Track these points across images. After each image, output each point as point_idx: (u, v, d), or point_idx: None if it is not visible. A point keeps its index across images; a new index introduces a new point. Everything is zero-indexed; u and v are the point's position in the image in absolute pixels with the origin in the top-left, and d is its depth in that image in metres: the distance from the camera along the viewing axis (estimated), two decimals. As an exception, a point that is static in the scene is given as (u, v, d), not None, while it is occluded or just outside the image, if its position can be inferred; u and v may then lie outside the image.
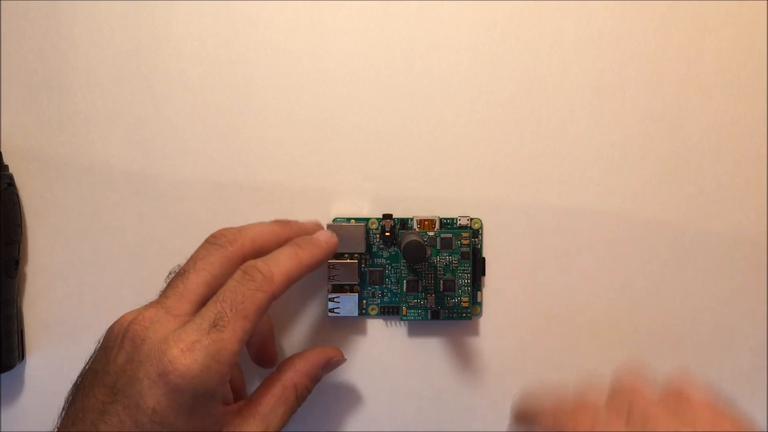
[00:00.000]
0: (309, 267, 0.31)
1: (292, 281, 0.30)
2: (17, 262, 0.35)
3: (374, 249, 0.35)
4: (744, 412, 0.27)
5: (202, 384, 0.26)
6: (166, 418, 0.26)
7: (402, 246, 0.32)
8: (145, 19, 0.35)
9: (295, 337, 0.36)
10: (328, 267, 0.35)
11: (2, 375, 0.36)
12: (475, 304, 0.36)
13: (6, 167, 0.35)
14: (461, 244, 0.35)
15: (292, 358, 0.32)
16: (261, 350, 0.34)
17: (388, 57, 0.35)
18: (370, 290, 0.36)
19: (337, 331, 0.36)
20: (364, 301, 0.36)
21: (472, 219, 0.36)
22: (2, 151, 0.35)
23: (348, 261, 0.35)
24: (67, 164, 0.35)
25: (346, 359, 0.34)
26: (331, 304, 0.35)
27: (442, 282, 0.35)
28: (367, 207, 0.36)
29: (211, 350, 0.27)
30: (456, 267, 0.35)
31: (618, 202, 0.36)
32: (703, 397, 0.27)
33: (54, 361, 0.36)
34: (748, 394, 0.36)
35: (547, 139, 0.35)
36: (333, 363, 0.33)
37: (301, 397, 0.31)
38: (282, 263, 0.30)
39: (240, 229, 0.31)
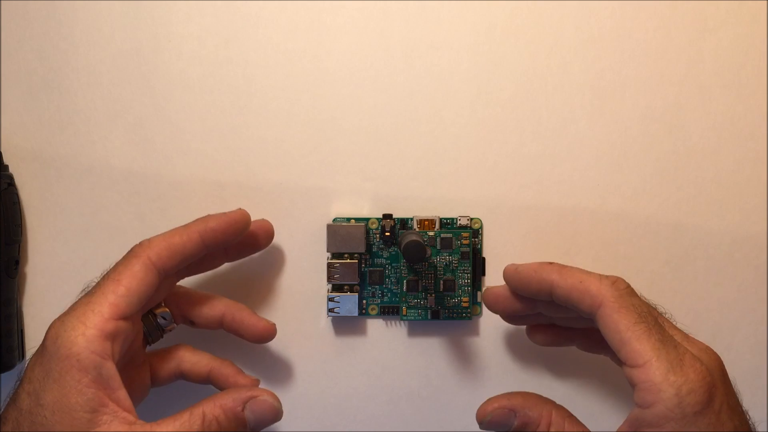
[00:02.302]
0: (199, 232, 0.30)
1: (175, 248, 0.30)
2: (17, 262, 0.35)
3: (374, 249, 0.35)
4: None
5: (66, 345, 0.26)
6: (33, 388, 0.26)
7: (402, 246, 0.32)
8: (145, 19, 0.35)
9: (295, 338, 0.36)
10: (328, 267, 0.35)
11: (2, 375, 0.36)
12: (475, 304, 0.36)
13: (6, 167, 0.35)
14: (461, 244, 0.35)
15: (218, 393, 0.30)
16: (237, 326, 0.33)
17: (388, 57, 0.35)
18: (370, 290, 0.36)
19: (337, 331, 0.36)
20: (364, 301, 0.36)
21: (472, 219, 0.36)
22: (2, 151, 0.35)
23: (348, 261, 0.35)
24: (67, 164, 0.35)
25: (278, 406, 0.29)
26: (331, 304, 0.35)
27: (442, 282, 0.35)
28: (367, 207, 0.36)
29: (77, 312, 0.27)
30: (456, 267, 0.35)
31: (618, 202, 0.36)
32: None
33: (54, 361, 0.36)
34: (748, 394, 0.36)
35: (547, 139, 0.35)
36: (259, 403, 0.29)
37: (208, 427, 0.28)
38: (164, 233, 0.30)
39: None
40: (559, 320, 0.33)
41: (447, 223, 0.35)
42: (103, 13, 0.35)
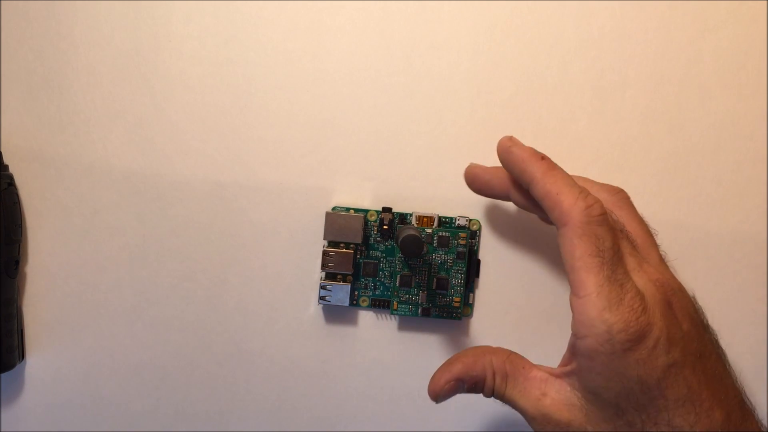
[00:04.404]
0: None
1: None
2: (17, 262, 0.35)
3: (371, 241, 0.35)
4: None
5: None
6: None
7: (399, 239, 0.32)
8: (145, 19, 0.35)
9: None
10: (324, 254, 0.35)
11: (2, 375, 0.36)
12: (467, 305, 0.36)
13: (6, 167, 0.35)
14: (458, 243, 0.35)
15: None
16: None
17: (388, 57, 0.35)
18: (363, 281, 0.36)
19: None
20: (356, 292, 0.36)
21: (471, 220, 0.36)
22: (2, 151, 0.35)
23: (344, 250, 0.35)
24: (67, 164, 0.35)
25: None
26: (322, 292, 0.35)
27: (435, 279, 0.35)
28: (367, 206, 0.36)
29: None
30: (451, 266, 0.35)
31: (618, 202, 0.36)
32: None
33: (54, 361, 0.36)
34: (748, 394, 0.36)
35: (547, 139, 0.35)
36: None
37: None
38: None
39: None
40: (528, 208, 0.32)
41: (445, 222, 0.35)
42: (103, 13, 0.35)
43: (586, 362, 0.27)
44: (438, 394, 0.30)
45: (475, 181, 0.33)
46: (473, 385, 0.30)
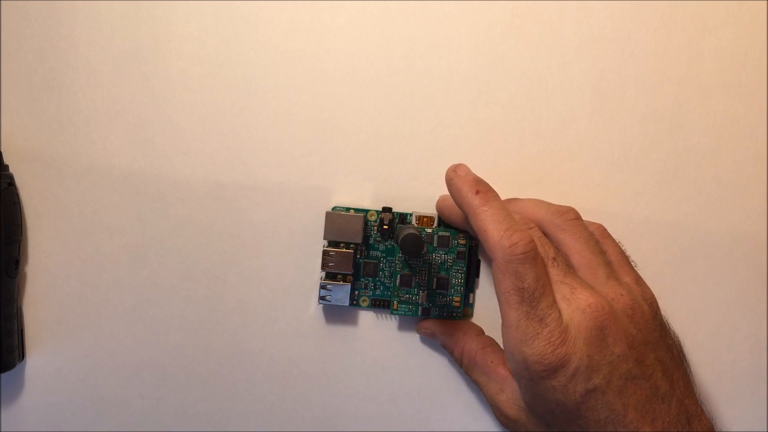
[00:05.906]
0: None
1: None
2: (17, 262, 0.35)
3: (371, 241, 0.35)
4: None
5: None
6: None
7: (399, 238, 0.32)
8: (145, 19, 0.35)
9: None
10: (324, 254, 0.35)
11: (2, 375, 0.36)
12: (467, 305, 0.36)
13: (6, 167, 0.35)
14: (458, 243, 0.35)
15: None
16: None
17: (388, 57, 0.35)
18: (363, 281, 0.36)
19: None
20: (356, 292, 0.36)
21: (472, 219, 0.35)
22: (2, 151, 0.35)
23: (344, 250, 0.35)
24: (67, 164, 0.35)
25: None
26: (322, 292, 0.35)
27: (435, 279, 0.35)
28: (367, 205, 0.36)
29: None
30: (451, 266, 0.35)
31: (618, 202, 0.36)
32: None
33: (54, 361, 0.36)
34: (748, 394, 0.36)
35: (547, 139, 0.35)
36: None
37: None
38: None
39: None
40: None
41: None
42: (103, 13, 0.35)
43: (517, 380, 0.30)
44: (418, 331, 0.36)
45: (442, 214, 0.35)
46: (443, 346, 0.35)
